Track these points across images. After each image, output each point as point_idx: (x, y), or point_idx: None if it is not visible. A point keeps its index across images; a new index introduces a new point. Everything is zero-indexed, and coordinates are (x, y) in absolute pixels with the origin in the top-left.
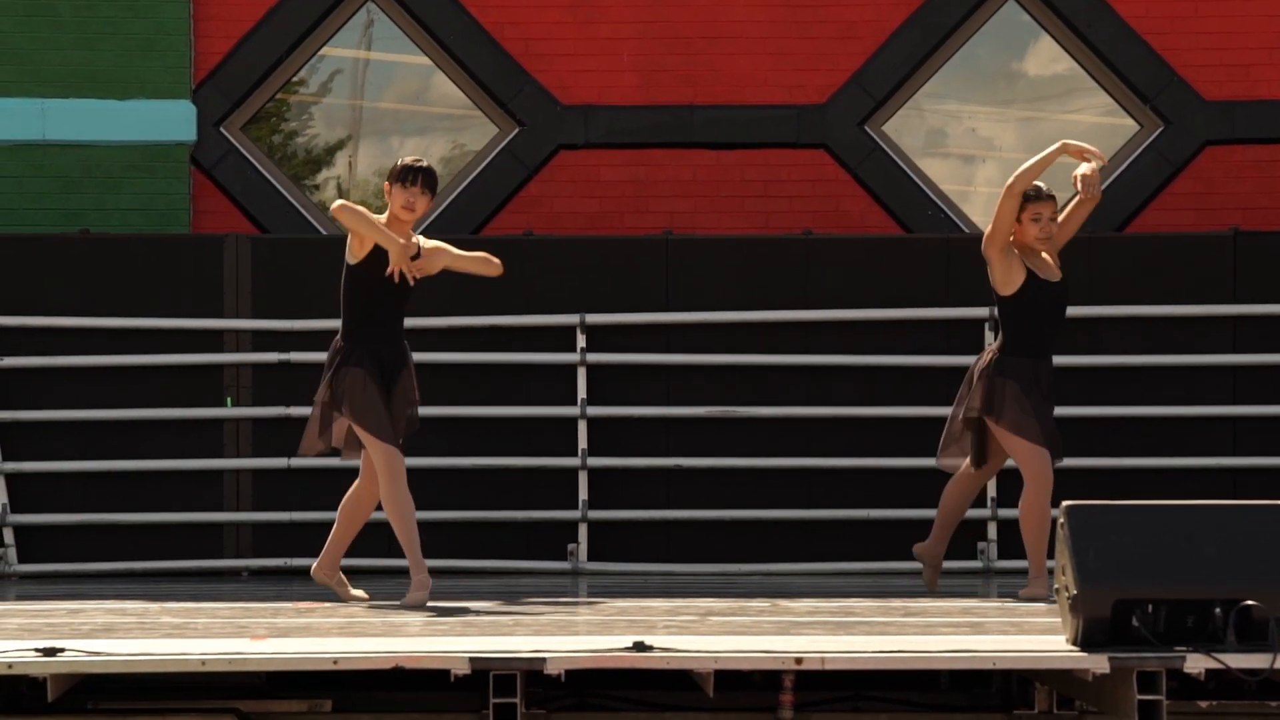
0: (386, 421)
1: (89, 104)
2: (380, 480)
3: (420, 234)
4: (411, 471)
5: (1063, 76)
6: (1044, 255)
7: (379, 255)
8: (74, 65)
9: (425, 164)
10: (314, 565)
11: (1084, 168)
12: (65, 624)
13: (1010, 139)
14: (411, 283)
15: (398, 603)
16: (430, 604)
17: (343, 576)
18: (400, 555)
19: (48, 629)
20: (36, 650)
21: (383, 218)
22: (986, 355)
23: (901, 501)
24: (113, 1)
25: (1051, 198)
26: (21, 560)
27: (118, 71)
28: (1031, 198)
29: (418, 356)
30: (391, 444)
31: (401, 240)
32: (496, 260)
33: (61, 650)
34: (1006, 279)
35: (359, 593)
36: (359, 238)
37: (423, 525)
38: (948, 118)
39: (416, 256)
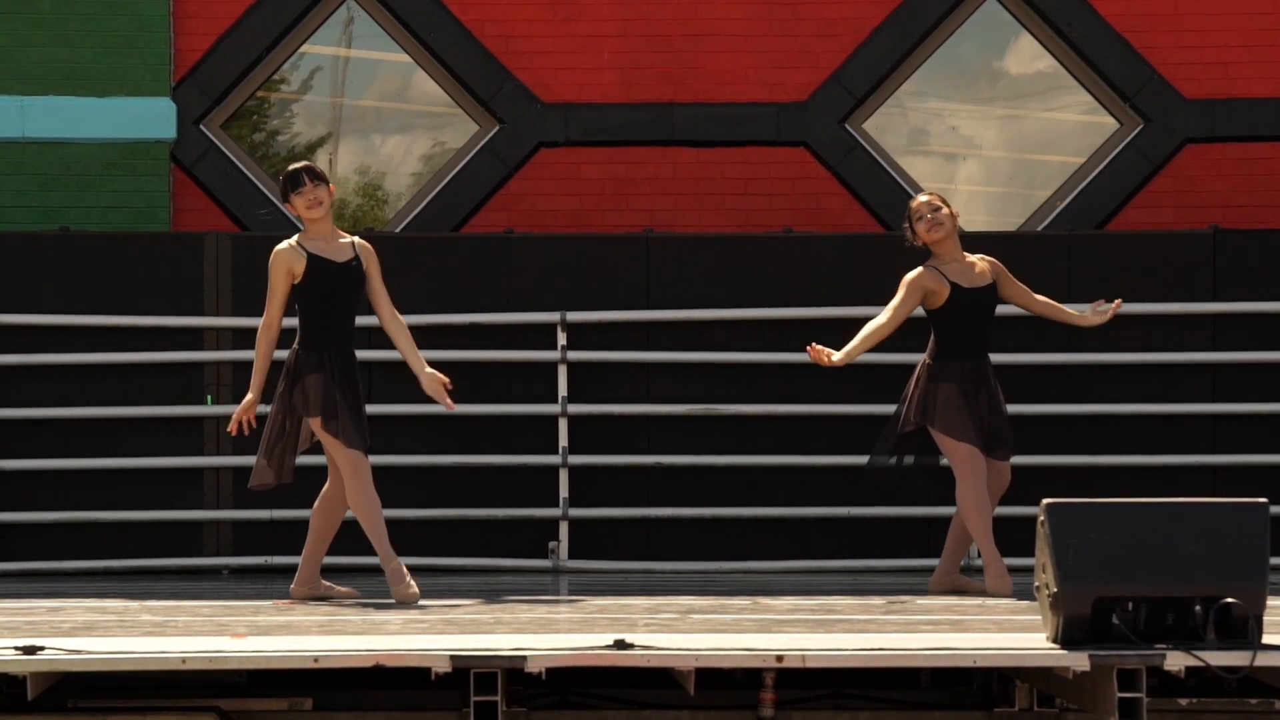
0: (349, 425)
1: (68, 101)
2: (347, 484)
3: (359, 238)
4: (392, 469)
5: (1043, 74)
6: (967, 260)
7: (314, 268)
8: (53, 62)
9: (299, 164)
10: (293, 585)
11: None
12: (45, 622)
13: (992, 137)
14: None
15: (393, 600)
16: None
17: (322, 581)
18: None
19: (27, 627)
20: (16, 648)
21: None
22: (920, 366)
23: (882, 500)
24: None
25: (928, 202)
26: (1, 558)
27: (97, 69)
28: (909, 213)
29: (395, 354)
30: (358, 448)
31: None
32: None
33: (41, 648)
34: (932, 301)
35: (345, 589)
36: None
37: (404, 523)
38: (929, 116)
39: (354, 262)
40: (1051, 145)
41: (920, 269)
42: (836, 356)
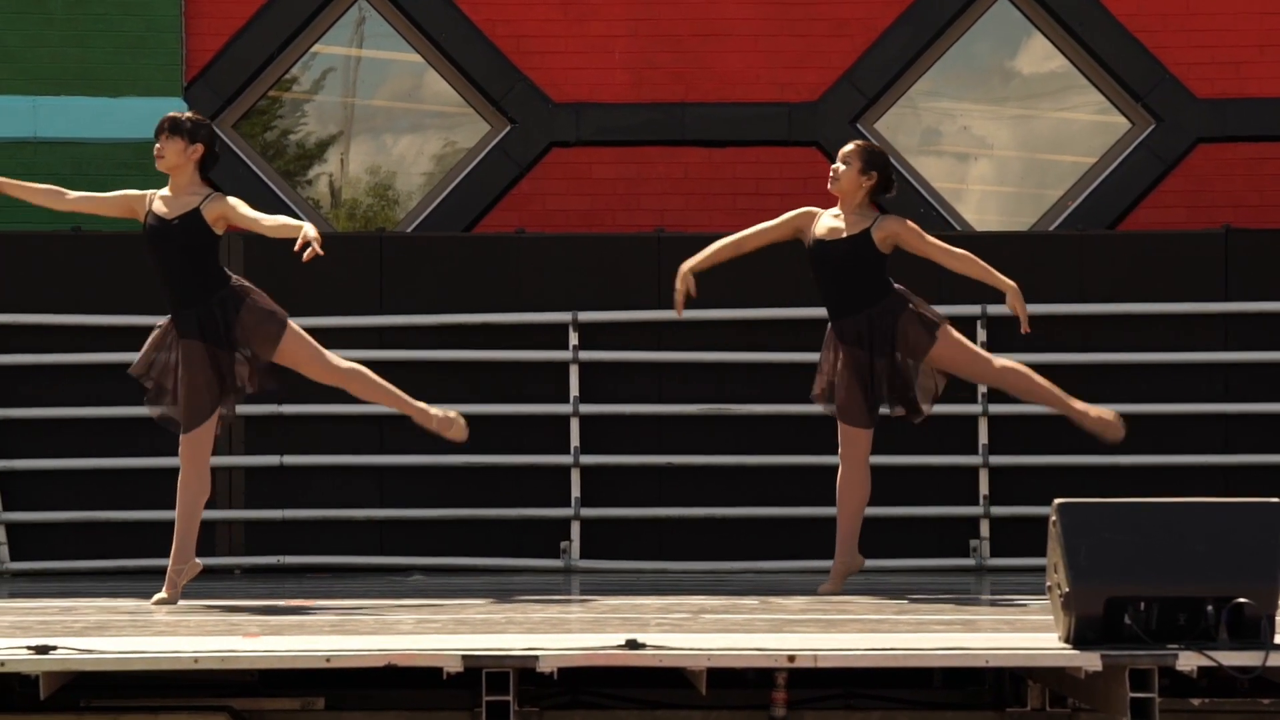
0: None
1: (80, 101)
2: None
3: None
4: (404, 469)
5: (1056, 74)
6: (846, 215)
7: (148, 221)
8: (65, 63)
9: (173, 114)
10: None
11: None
12: (58, 621)
13: (1004, 137)
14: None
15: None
16: (421, 602)
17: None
18: (388, 553)
19: (40, 626)
20: (29, 648)
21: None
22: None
23: (893, 499)
24: None
25: (849, 148)
26: (14, 558)
27: (109, 69)
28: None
29: (410, 354)
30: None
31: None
32: (296, 223)
33: (54, 648)
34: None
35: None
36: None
37: (416, 523)
38: (941, 115)
39: (185, 218)
40: (1063, 145)
41: (808, 208)
42: (685, 266)
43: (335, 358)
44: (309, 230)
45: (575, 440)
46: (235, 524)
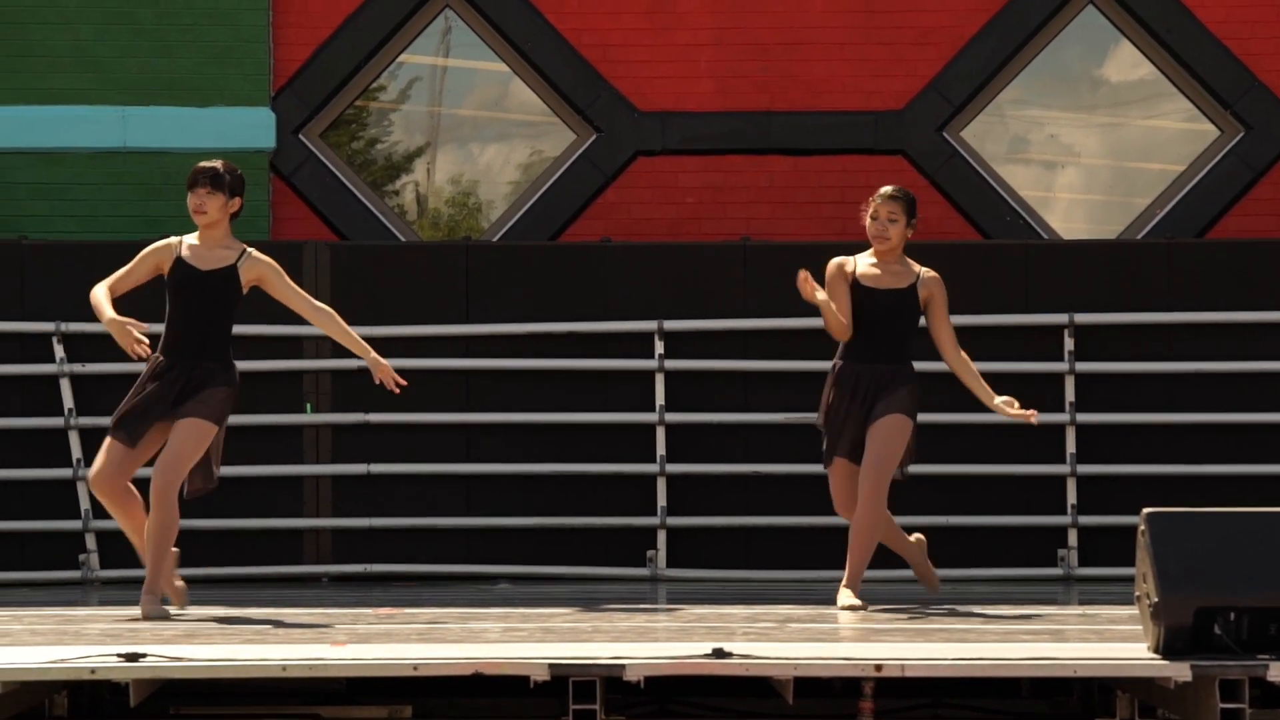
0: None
1: (169, 111)
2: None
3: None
4: (490, 478)
5: (1144, 81)
6: (886, 263)
7: (178, 270)
8: (154, 73)
9: (212, 164)
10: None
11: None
12: (147, 629)
13: (1092, 145)
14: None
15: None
16: (508, 610)
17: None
18: (475, 562)
19: (130, 634)
20: (119, 655)
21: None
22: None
23: (981, 509)
24: (192, 9)
25: (893, 198)
26: (104, 566)
27: (197, 79)
28: (873, 199)
29: (496, 363)
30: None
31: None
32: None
33: (144, 655)
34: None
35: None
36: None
37: (502, 531)
38: (1028, 123)
39: (225, 272)
40: (1152, 152)
41: (836, 260)
42: (820, 296)
43: (173, 487)
44: (386, 368)
45: (661, 449)
46: (323, 532)
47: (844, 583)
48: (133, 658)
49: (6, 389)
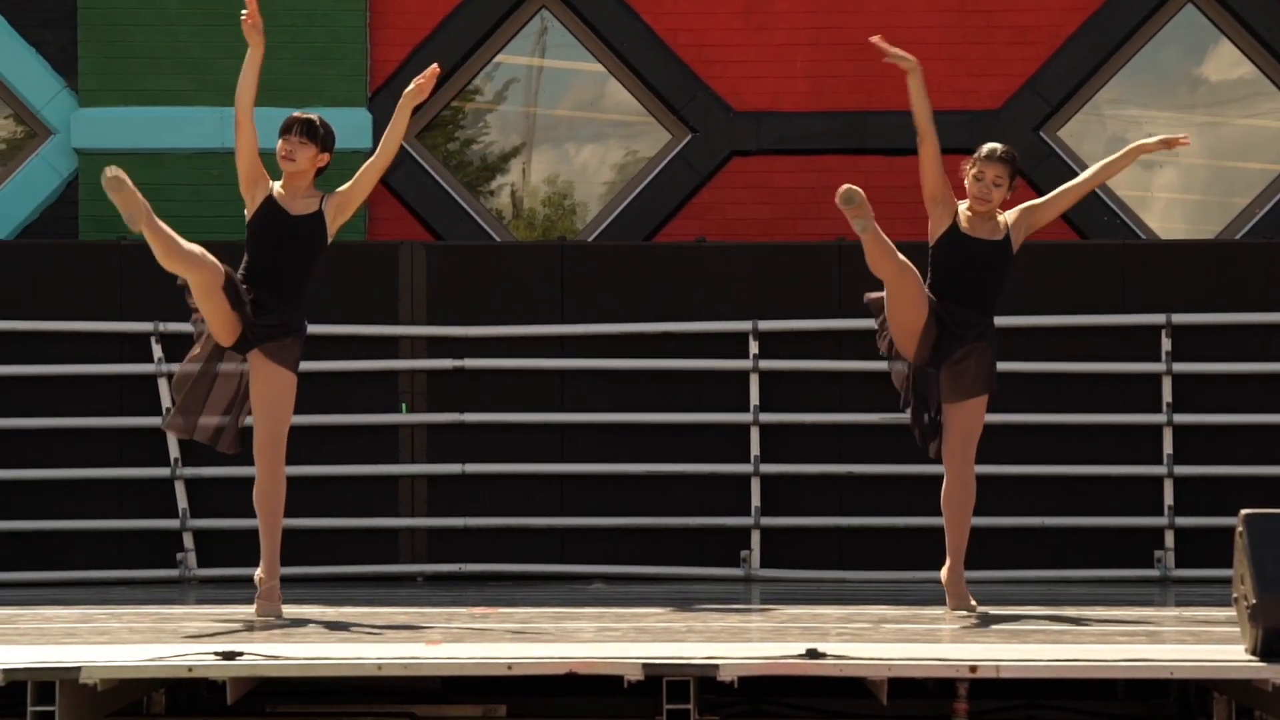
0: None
1: (267, 112)
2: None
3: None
4: (585, 477)
5: (1244, 80)
6: (981, 217)
7: (266, 209)
8: None
9: (307, 114)
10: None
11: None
12: (244, 628)
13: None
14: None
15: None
16: (602, 609)
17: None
18: (569, 561)
19: (226, 633)
20: (216, 654)
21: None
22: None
23: (1077, 509)
24: (291, 10)
25: (1001, 160)
26: (201, 565)
27: (295, 80)
28: (982, 155)
29: (591, 363)
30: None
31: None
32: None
33: (240, 654)
34: (932, 227)
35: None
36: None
37: (596, 531)
38: (1127, 123)
39: (311, 218)
40: (1251, 152)
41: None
42: (910, 63)
43: (282, 445)
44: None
45: (755, 449)
46: (418, 531)
47: (949, 567)
48: (229, 656)
49: (105, 388)
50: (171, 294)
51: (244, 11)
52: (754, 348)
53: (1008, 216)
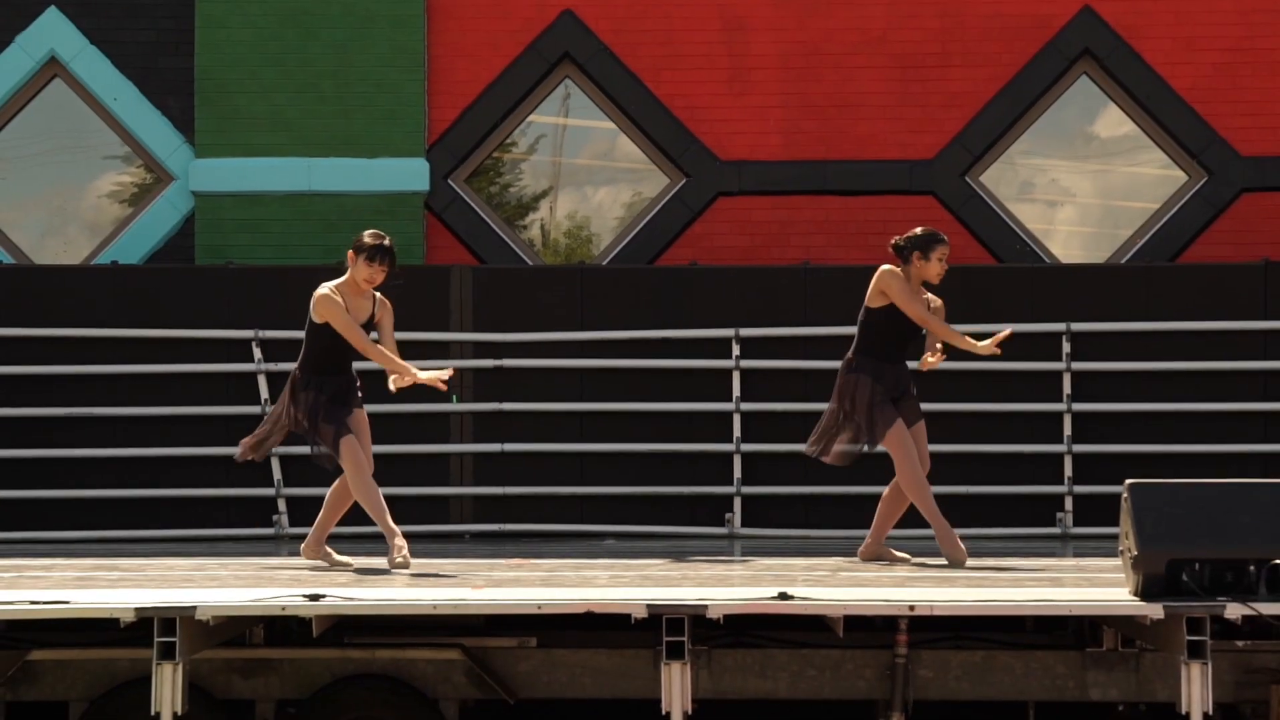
0: (330, 434)
1: (344, 162)
2: (347, 473)
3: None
4: (600, 454)
5: (1128, 136)
6: (922, 292)
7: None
8: (333, 131)
9: (389, 243)
10: (304, 544)
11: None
12: (326, 575)
13: (1086, 187)
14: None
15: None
16: (613, 561)
17: (328, 549)
18: (587, 522)
19: (312, 579)
20: (304, 596)
21: (343, 279)
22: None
23: (995, 480)
24: (364, 81)
25: (946, 242)
26: (292, 524)
27: (367, 135)
28: (941, 241)
29: (604, 362)
30: (346, 442)
31: (400, 366)
32: (401, 365)
33: (323, 596)
34: (884, 299)
35: (344, 559)
36: (328, 313)
37: (609, 498)
38: (1034, 170)
39: (371, 317)
40: (1133, 193)
41: (897, 270)
42: (983, 345)
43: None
44: (426, 378)
45: (737, 431)
46: (465, 498)
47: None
48: (315, 598)
49: (217, 383)
50: (269, 307)
51: (447, 375)
52: (736, 350)
53: (933, 299)
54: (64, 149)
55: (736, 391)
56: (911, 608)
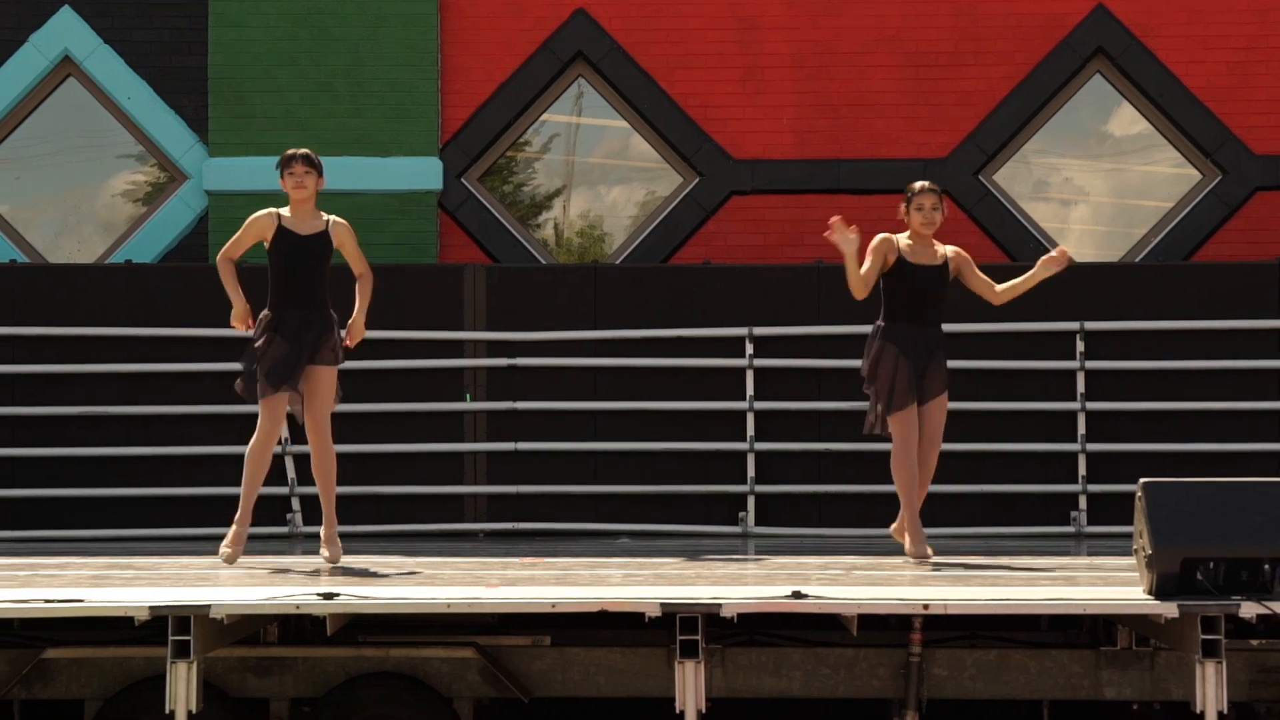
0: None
1: (359, 160)
2: (256, 433)
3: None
4: (614, 453)
5: (1141, 135)
6: (922, 246)
7: (282, 236)
8: (347, 130)
9: (303, 149)
10: (322, 542)
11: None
12: (340, 574)
13: (1099, 186)
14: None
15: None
16: (627, 559)
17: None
18: (601, 521)
19: (326, 577)
20: (318, 594)
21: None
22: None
23: (1012, 479)
24: (377, 79)
25: (932, 190)
26: (306, 523)
27: (381, 134)
28: (915, 191)
29: (618, 361)
30: (269, 403)
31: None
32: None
33: (338, 595)
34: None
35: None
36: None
37: (623, 496)
38: (1048, 169)
39: (322, 235)
40: (1147, 192)
41: (883, 235)
42: (850, 239)
43: (328, 428)
44: (356, 334)
45: (750, 430)
46: (479, 497)
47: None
48: (329, 596)
49: (227, 382)
50: None
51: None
52: (749, 349)
53: (945, 250)
54: (78, 148)
55: (750, 390)
56: (926, 606)
